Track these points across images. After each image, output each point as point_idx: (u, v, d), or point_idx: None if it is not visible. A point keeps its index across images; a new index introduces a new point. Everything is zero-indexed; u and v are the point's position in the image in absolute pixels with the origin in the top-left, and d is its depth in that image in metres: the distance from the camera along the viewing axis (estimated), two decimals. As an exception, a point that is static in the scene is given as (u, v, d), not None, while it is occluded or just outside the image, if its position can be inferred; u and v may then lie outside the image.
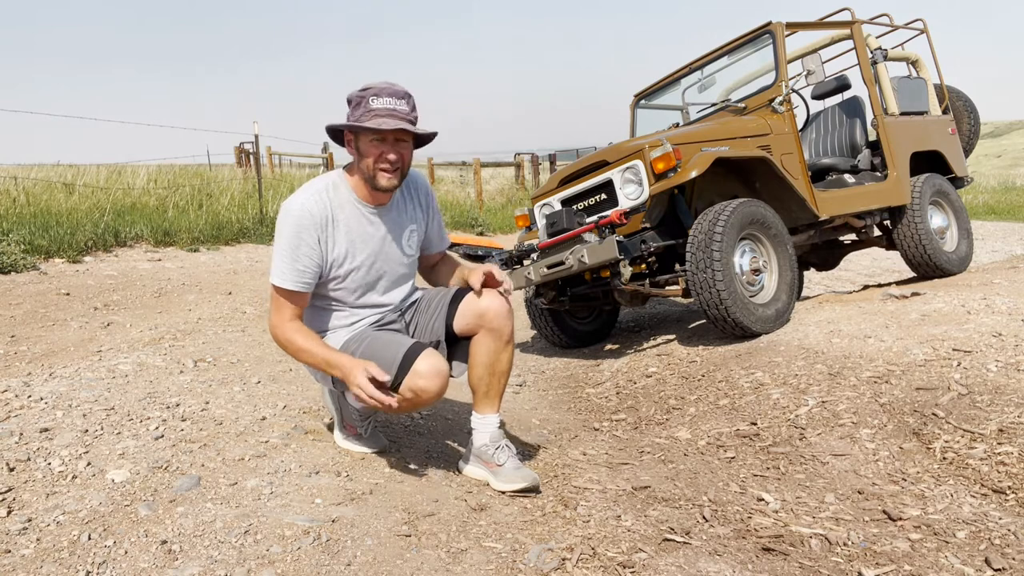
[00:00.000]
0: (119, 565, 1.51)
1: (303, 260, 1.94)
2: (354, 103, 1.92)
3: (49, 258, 5.39)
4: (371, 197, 2.03)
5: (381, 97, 1.88)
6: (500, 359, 2.07)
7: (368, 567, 1.56)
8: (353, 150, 1.98)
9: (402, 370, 1.87)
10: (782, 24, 4.08)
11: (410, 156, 2.00)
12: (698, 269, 3.28)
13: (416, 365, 1.87)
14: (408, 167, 2.01)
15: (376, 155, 1.92)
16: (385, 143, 1.92)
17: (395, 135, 1.92)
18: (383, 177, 1.94)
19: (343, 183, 2.03)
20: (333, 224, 1.98)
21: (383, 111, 1.88)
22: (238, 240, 7.30)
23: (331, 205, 1.98)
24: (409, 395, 1.88)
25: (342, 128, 1.97)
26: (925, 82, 4.87)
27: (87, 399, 2.50)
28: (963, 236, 4.73)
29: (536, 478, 2.08)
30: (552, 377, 3.89)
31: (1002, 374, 2.39)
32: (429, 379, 1.86)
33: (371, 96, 1.89)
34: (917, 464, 2.02)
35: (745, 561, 1.61)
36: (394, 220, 2.10)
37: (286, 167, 15.38)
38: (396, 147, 1.93)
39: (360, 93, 1.91)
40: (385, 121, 1.87)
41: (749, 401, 2.68)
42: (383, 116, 1.88)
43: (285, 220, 1.95)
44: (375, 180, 1.95)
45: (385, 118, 1.87)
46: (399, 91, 1.91)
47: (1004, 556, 1.55)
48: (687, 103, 4.78)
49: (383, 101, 1.88)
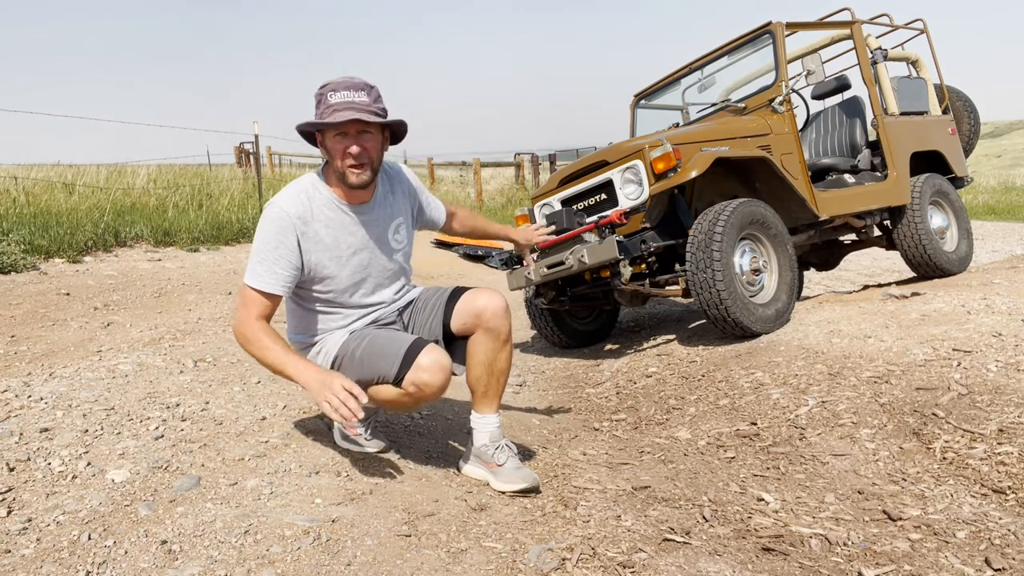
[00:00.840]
0: (119, 565, 1.51)
1: (281, 263, 1.90)
2: (316, 101, 1.90)
3: (49, 258, 5.38)
4: (349, 196, 2.00)
5: (338, 92, 1.85)
6: (498, 358, 2.07)
7: (368, 567, 1.56)
8: (324, 150, 1.95)
9: (405, 365, 1.86)
10: (782, 24, 4.08)
11: (377, 148, 1.94)
12: (698, 269, 3.28)
13: (419, 359, 1.86)
14: (377, 160, 1.96)
15: (341, 151, 1.88)
16: (348, 137, 1.88)
17: (356, 127, 1.87)
18: (352, 174, 1.90)
19: (321, 184, 2.00)
20: (313, 226, 1.95)
21: (340, 105, 1.84)
22: (238, 240, 7.29)
23: (312, 206, 1.95)
24: (412, 389, 1.87)
25: (308, 128, 1.94)
26: (925, 82, 4.87)
27: (87, 399, 2.50)
28: (963, 236, 4.72)
29: (536, 478, 2.08)
30: (552, 377, 3.89)
31: (1002, 374, 2.39)
32: (432, 373, 1.85)
33: (329, 92, 1.86)
34: (917, 464, 2.02)
35: (745, 561, 1.61)
36: (378, 216, 2.07)
37: (286, 167, 15.39)
38: (359, 140, 1.88)
39: (319, 91, 1.89)
40: (341, 114, 1.83)
41: (749, 401, 2.68)
42: (340, 110, 1.83)
43: (264, 222, 1.92)
44: (346, 178, 1.91)
45: (342, 111, 1.83)
46: (357, 83, 1.87)
47: (1004, 556, 1.55)
48: (687, 103, 4.78)
49: (340, 95, 1.84)
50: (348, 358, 1.99)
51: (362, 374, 1.94)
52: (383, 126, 1.94)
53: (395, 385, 1.88)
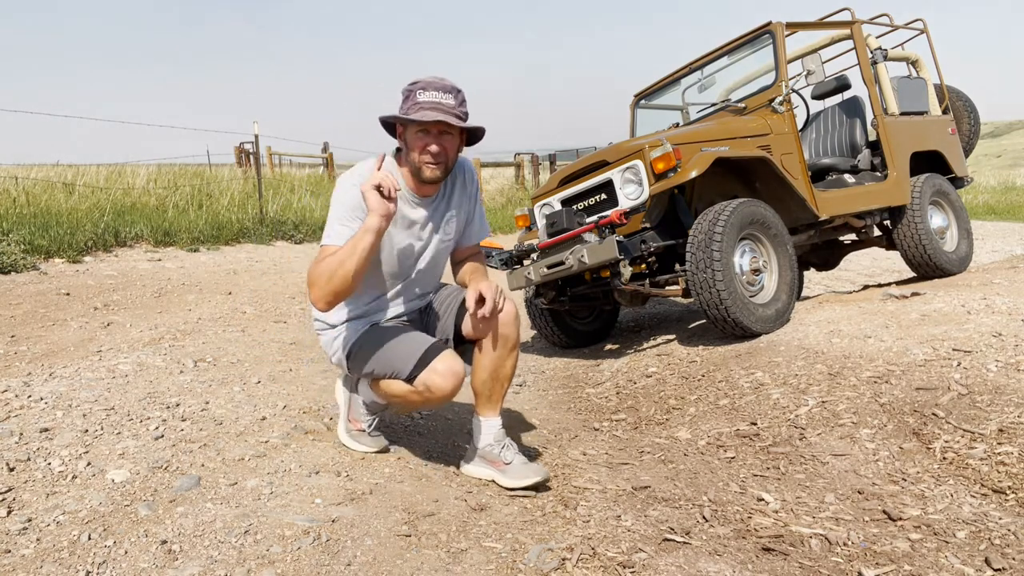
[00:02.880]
0: (119, 565, 1.51)
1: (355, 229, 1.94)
2: (404, 96, 1.97)
3: (49, 258, 5.38)
4: (417, 188, 2.07)
5: (428, 91, 1.92)
6: (505, 365, 2.11)
7: (368, 567, 1.56)
8: (403, 142, 2.03)
9: (420, 365, 1.93)
10: (782, 24, 4.08)
11: (454, 149, 2.03)
12: (698, 269, 3.28)
13: (435, 363, 1.93)
14: (453, 160, 2.05)
15: (420, 147, 1.97)
16: (429, 135, 1.96)
17: (438, 127, 1.95)
18: (427, 168, 1.98)
19: (395, 168, 2.07)
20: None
21: (428, 104, 1.91)
22: (238, 240, 7.29)
23: None
24: (421, 388, 1.94)
25: (391, 120, 2.02)
26: (925, 82, 4.87)
27: (87, 399, 2.50)
28: (963, 236, 4.72)
29: (546, 472, 2.11)
30: (552, 377, 3.89)
31: (1002, 374, 2.39)
32: (445, 377, 1.92)
33: (419, 90, 1.93)
34: (917, 464, 2.02)
35: (745, 561, 1.61)
36: (436, 211, 2.13)
37: (286, 167, 15.37)
38: (440, 140, 1.97)
39: (409, 87, 1.96)
40: (427, 113, 1.90)
41: (749, 401, 2.68)
42: (427, 109, 1.91)
43: (346, 191, 1.98)
44: (420, 172, 1.99)
45: (428, 111, 1.91)
46: (446, 85, 1.94)
47: (1004, 556, 1.55)
48: (687, 103, 4.78)
49: (429, 95, 1.92)
50: (365, 350, 2.05)
51: (377, 367, 2.02)
52: (463, 129, 2.02)
53: (407, 382, 1.95)
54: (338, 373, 2.38)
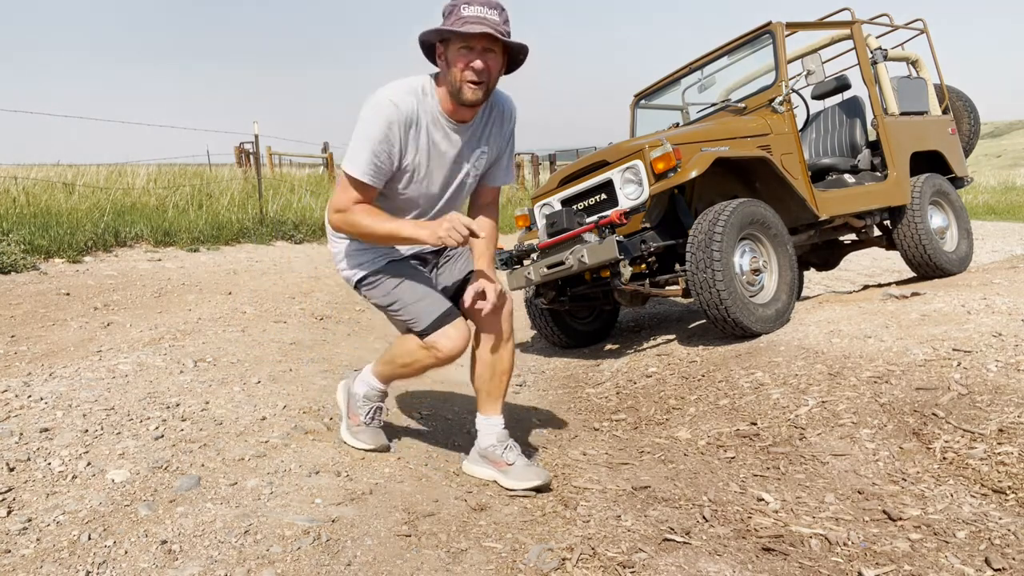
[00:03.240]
0: (119, 565, 1.51)
1: (382, 156, 1.91)
2: (446, 13, 1.89)
3: (49, 258, 5.38)
4: (454, 112, 1.98)
5: (472, 6, 1.84)
6: (501, 358, 2.13)
7: (368, 567, 1.56)
8: (443, 62, 1.93)
9: (434, 325, 2.00)
10: (782, 24, 4.08)
11: (497, 69, 1.93)
12: (698, 269, 3.28)
13: (448, 327, 2.01)
14: (495, 82, 1.96)
15: (463, 64, 1.87)
16: (473, 52, 1.86)
17: (483, 44, 1.86)
18: (468, 89, 1.89)
19: (432, 91, 1.99)
20: (416, 128, 1.95)
21: (473, 18, 1.82)
22: (238, 240, 7.29)
23: (418, 108, 1.95)
24: (428, 347, 2.01)
25: (432, 39, 1.94)
26: (925, 82, 4.87)
27: (87, 399, 2.50)
28: (963, 236, 4.72)
29: (548, 475, 2.11)
30: (552, 377, 3.89)
31: (1002, 374, 2.39)
32: (454, 342, 2.00)
33: (463, 4, 1.85)
34: (917, 464, 2.02)
35: (745, 561, 1.61)
36: (469, 140, 2.06)
37: (286, 167, 15.36)
38: (484, 56, 1.87)
39: (452, 3, 1.88)
40: (472, 26, 1.82)
41: (749, 401, 2.68)
42: (472, 23, 1.82)
43: (376, 110, 1.90)
44: (460, 93, 1.90)
45: (473, 24, 1.82)
46: (491, 1, 1.86)
47: (1004, 556, 1.55)
48: (687, 103, 4.78)
49: (474, 9, 1.84)
50: (386, 283, 2.08)
51: (395, 304, 2.07)
52: (507, 47, 1.93)
53: (420, 336, 2.03)
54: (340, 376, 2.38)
